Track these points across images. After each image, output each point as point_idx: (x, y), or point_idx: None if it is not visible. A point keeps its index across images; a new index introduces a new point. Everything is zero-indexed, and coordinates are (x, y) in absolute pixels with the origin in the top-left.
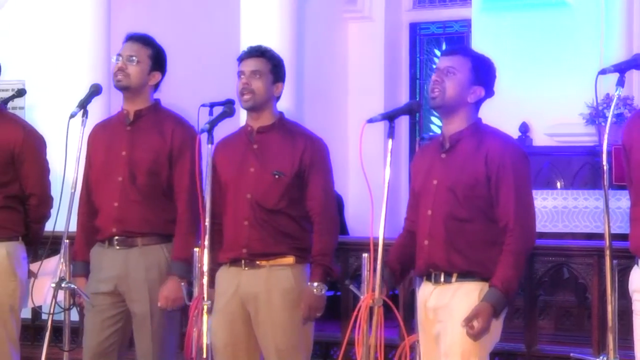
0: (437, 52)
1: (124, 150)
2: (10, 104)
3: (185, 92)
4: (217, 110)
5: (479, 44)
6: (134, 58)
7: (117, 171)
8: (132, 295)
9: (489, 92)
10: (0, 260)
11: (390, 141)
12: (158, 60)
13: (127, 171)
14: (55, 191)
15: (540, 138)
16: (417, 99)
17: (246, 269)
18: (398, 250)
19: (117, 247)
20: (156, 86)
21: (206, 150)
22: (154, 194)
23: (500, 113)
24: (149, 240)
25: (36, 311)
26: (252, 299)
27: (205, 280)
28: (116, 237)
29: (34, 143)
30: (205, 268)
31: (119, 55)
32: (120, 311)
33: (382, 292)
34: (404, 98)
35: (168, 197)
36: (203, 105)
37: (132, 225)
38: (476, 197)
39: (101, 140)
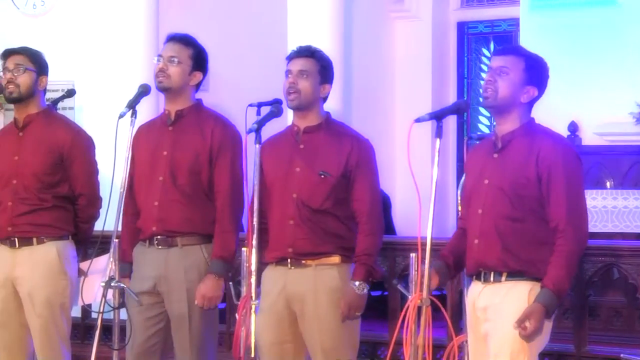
0: (485, 51)
1: (165, 150)
2: (60, 105)
3: (233, 92)
4: (265, 110)
5: (527, 42)
6: (174, 59)
7: (158, 171)
8: (171, 295)
9: (542, 92)
10: (50, 259)
11: (438, 141)
12: (199, 60)
13: (168, 171)
14: (104, 191)
15: (589, 137)
16: (465, 98)
17: (292, 268)
18: (452, 245)
19: (158, 247)
20: (197, 86)
21: (254, 150)
22: (194, 193)
23: (549, 112)
24: (188, 240)
25: (86, 310)
26: (298, 298)
27: (253, 279)
28: (156, 237)
29: (83, 143)
30: (254, 267)
31: (159, 56)
32: (162, 311)
33: (434, 284)
34: (451, 97)
35: (209, 197)
36: (250, 105)
37: (172, 224)
38: (527, 197)
39: (144, 141)
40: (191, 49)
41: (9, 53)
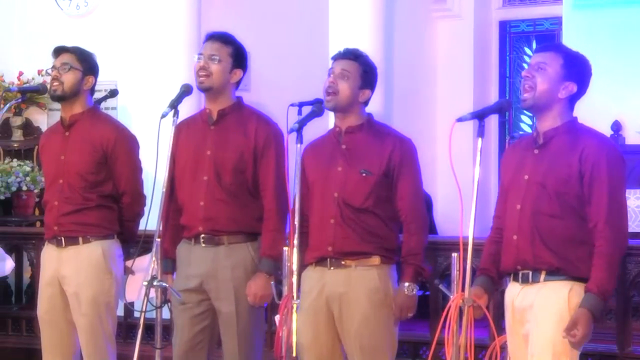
0: (527, 50)
1: (209, 149)
2: (102, 105)
3: (274, 91)
4: (306, 109)
5: (570, 41)
6: (215, 57)
7: (202, 170)
8: (219, 294)
9: (583, 89)
10: (96, 258)
11: (480, 140)
12: (239, 58)
13: (213, 170)
14: (147, 190)
15: (632, 136)
16: (507, 98)
17: (332, 268)
18: (490, 254)
19: (204, 245)
20: (237, 84)
21: (295, 150)
22: (239, 192)
23: (593, 111)
24: (235, 238)
25: (128, 309)
26: (337, 299)
27: (294, 279)
28: (203, 236)
29: (127, 142)
30: (295, 267)
31: (200, 54)
32: (208, 309)
33: (484, 301)
34: (493, 97)
35: (254, 195)
36: (292, 105)
37: (218, 224)
38: (567, 194)
39: (185, 139)
40: (231, 46)
41: (59, 51)
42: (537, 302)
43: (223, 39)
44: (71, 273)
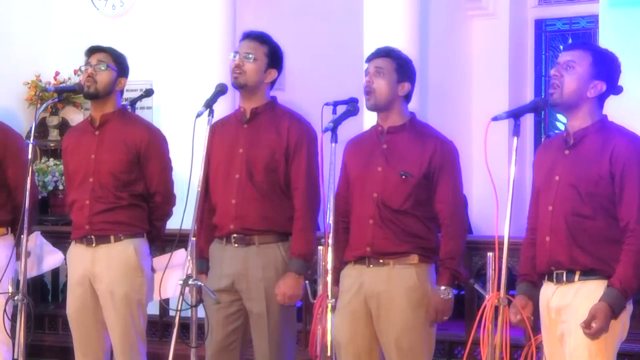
0: (564, 47)
1: (241, 148)
2: (138, 104)
3: (309, 91)
4: (341, 109)
5: (606, 40)
6: (250, 56)
7: (234, 169)
8: (250, 293)
9: (612, 88)
10: (128, 256)
11: (515, 139)
12: (274, 58)
13: (245, 168)
14: (182, 190)
15: None
16: (543, 97)
17: (370, 266)
18: (528, 258)
19: (236, 245)
20: (272, 84)
21: (330, 149)
22: (271, 191)
23: (628, 111)
24: (266, 238)
25: (164, 307)
26: (375, 297)
27: (329, 278)
28: (234, 235)
29: (159, 142)
30: (330, 266)
31: (235, 52)
32: (241, 309)
33: (529, 310)
34: (529, 96)
35: (286, 195)
36: (326, 104)
37: (250, 222)
38: (599, 195)
39: (219, 138)
40: (266, 46)
41: (94, 50)
42: (572, 302)
43: (259, 38)
44: (103, 271)
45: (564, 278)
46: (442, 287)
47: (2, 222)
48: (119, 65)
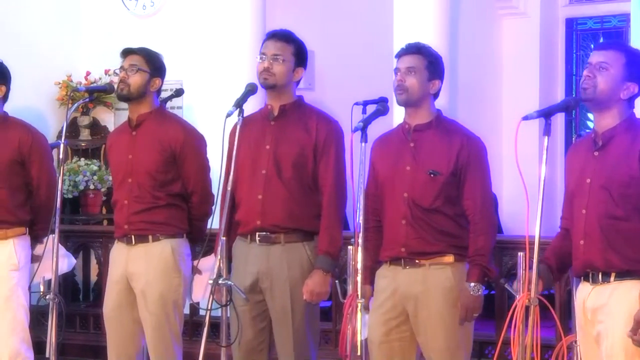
0: (595, 46)
1: (268, 144)
2: (168, 104)
3: (338, 90)
4: (371, 108)
5: (638, 39)
6: (279, 57)
7: (261, 165)
8: (274, 291)
9: None
10: (165, 256)
11: (546, 138)
12: (300, 57)
13: (272, 165)
14: (212, 189)
15: None
16: (574, 96)
17: (406, 267)
18: (555, 247)
19: (260, 244)
20: (298, 82)
21: (360, 149)
22: (299, 187)
23: None
24: (291, 237)
25: (194, 307)
26: (412, 298)
27: (359, 278)
28: (258, 233)
29: (195, 142)
30: (359, 265)
31: (263, 54)
32: (266, 309)
33: (538, 288)
34: (559, 95)
35: (313, 192)
36: (356, 104)
37: (276, 218)
38: (631, 195)
39: (245, 135)
40: (293, 45)
41: (127, 52)
42: (608, 302)
43: (286, 38)
44: (140, 270)
45: (600, 278)
46: (472, 284)
47: (22, 222)
48: (152, 66)
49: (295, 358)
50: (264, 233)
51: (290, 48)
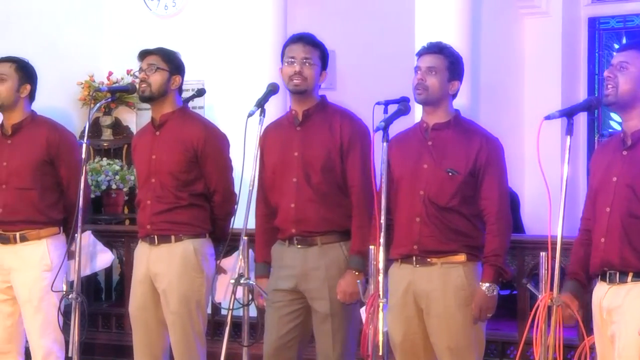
0: (617, 47)
1: (296, 150)
2: (190, 104)
3: (360, 90)
4: (392, 108)
5: None
6: (309, 61)
7: (291, 172)
8: (313, 293)
9: None
10: (187, 256)
11: (568, 138)
12: (324, 59)
13: (301, 171)
14: (236, 189)
15: None
16: (596, 95)
17: (417, 266)
18: (580, 258)
19: (298, 246)
20: (320, 84)
21: (381, 148)
22: (329, 191)
23: None
24: (328, 238)
25: (216, 306)
26: (424, 296)
27: (381, 277)
28: (296, 237)
29: (217, 141)
30: (381, 265)
31: (291, 58)
32: (300, 307)
33: (575, 307)
34: (581, 94)
35: (344, 193)
36: (378, 104)
37: (310, 225)
38: None
39: (272, 142)
40: (319, 49)
41: (144, 54)
42: (622, 303)
43: (312, 41)
44: (163, 271)
45: (617, 278)
46: (487, 284)
47: (55, 221)
48: (171, 64)
49: (334, 358)
50: (301, 237)
51: (317, 52)
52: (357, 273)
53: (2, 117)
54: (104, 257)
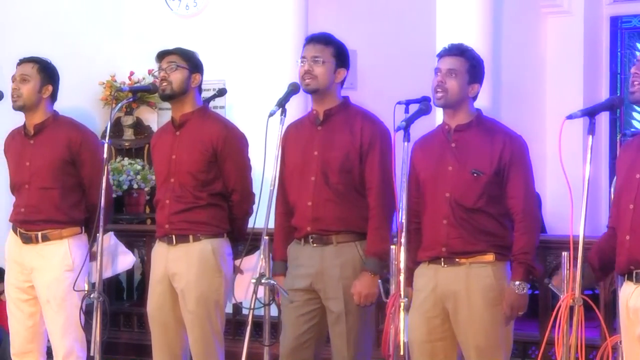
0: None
1: (316, 150)
2: (211, 104)
3: (381, 90)
4: (413, 108)
5: None
6: (318, 59)
7: (310, 171)
8: (328, 293)
9: None
10: (206, 256)
11: (590, 138)
12: (341, 57)
13: (320, 171)
14: (254, 189)
15: None
16: (618, 95)
17: (445, 266)
18: (599, 246)
19: (313, 245)
20: (342, 83)
21: (403, 148)
22: (347, 192)
23: None
24: (343, 237)
25: (237, 306)
26: (452, 296)
27: (402, 277)
28: (311, 235)
29: (236, 141)
30: (402, 265)
31: (303, 58)
32: (316, 307)
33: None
34: (604, 94)
35: (361, 194)
36: (399, 103)
37: (326, 224)
38: None
39: (294, 141)
40: (332, 47)
41: (163, 54)
42: None
43: (324, 40)
44: (181, 271)
45: None
46: (517, 282)
47: (77, 221)
48: (190, 62)
49: (349, 358)
50: (316, 235)
51: (330, 49)
52: (373, 275)
53: (25, 117)
54: (126, 259)
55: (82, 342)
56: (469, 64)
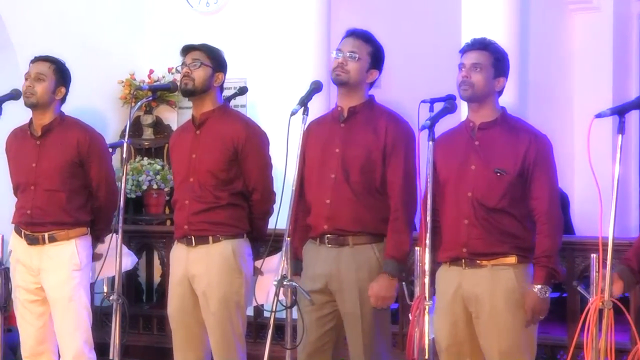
0: None
1: (338, 147)
2: (232, 102)
3: (405, 88)
4: (438, 106)
5: None
6: (354, 54)
7: (330, 168)
8: (343, 295)
9: None
10: (226, 257)
11: (620, 137)
12: (377, 58)
13: (340, 168)
14: (277, 188)
15: None
16: None
17: (467, 268)
18: (637, 247)
19: (329, 246)
20: (372, 84)
21: (427, 147)
22: (366, 191)
23: None
24: (359, 239)
25: (258, 308)
26: (474, 299)
27: (426, 279)
28: (327, 235)
29: (257, 139)
30: (427, 267)
31: (339, 50)
32: (333, 310)
33: (618, 290)
34: (633, 92)
35: (381, 195)
36: (423, 102)
37: (343, 223)
38: None
39: (316, 137)
40: (370, 46)
41: (188, 49)
42: None
43: (364, 37)
44: (201, 272)
45: None
46: (539, 286)
47: (84, 222)
48: (214, 61)
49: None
50: (332, 236)
51: (368, 48)
52: (391, 278)
53: (33, 116)
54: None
55: (91, 344)
56: (493, 58)
